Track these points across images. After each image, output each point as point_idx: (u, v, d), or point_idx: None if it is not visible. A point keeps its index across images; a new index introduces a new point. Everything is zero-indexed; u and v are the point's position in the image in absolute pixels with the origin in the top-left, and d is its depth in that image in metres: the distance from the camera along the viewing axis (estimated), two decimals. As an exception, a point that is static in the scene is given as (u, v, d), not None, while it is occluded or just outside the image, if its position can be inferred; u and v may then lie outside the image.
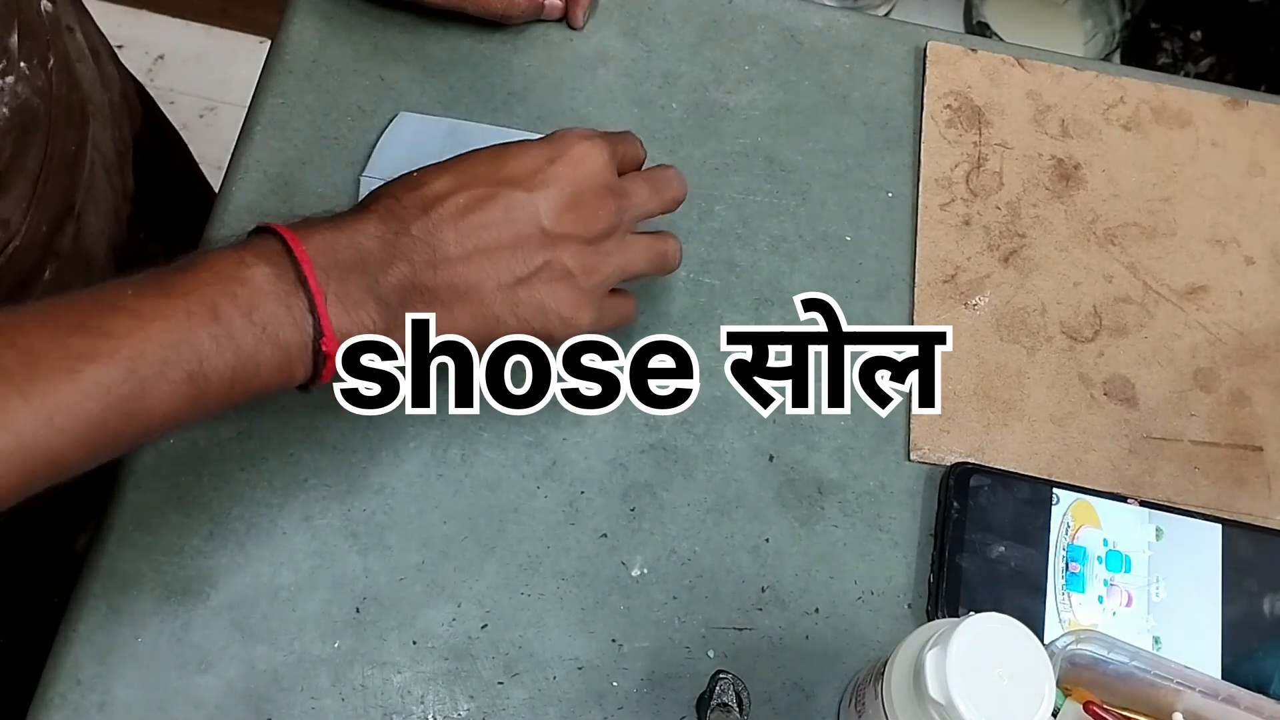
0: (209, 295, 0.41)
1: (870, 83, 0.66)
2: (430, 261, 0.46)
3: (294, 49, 0.63)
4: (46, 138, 0.52)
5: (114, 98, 0.65)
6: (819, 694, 0.52)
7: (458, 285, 0.47)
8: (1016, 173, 0.64)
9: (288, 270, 0.43)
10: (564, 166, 0.48)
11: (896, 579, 0.55)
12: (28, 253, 0.53)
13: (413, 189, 0.47)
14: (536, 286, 0.48)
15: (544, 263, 0.48)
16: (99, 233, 0.59)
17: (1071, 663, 0.48)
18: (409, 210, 0.46)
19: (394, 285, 0.45)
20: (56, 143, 0.53)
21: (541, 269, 0.48)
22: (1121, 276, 0.62)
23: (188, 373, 0.40)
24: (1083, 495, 0.55)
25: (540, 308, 0.48)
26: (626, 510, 0.55)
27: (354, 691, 0.50)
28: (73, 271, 0.57)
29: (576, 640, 0.52)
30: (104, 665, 0.49)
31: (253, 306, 0.42)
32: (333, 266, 0.44)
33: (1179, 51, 1.51)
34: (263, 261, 0.43)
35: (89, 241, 0.58)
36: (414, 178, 0.48)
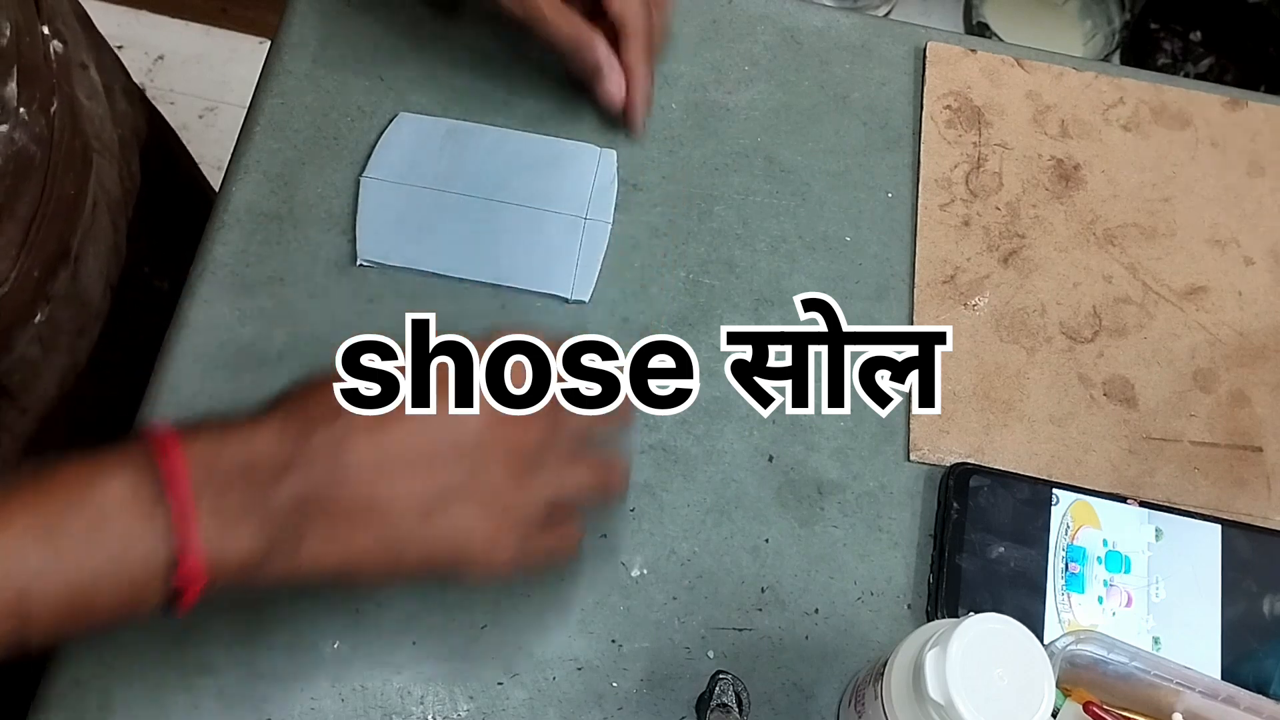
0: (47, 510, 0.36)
1: (870, 83, 0.66)
2: (332, 477, 0.41)
3: (294, 49, 0.63)
4: (43, 184, 0.50)
5: (125, 133, 0.64)
6: (819, 694, 0.52)
7: (359, 503, 0.41)
8: (1016, 173, 0.64)
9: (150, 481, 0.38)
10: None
11: (896, 579, 0.55)
12: (17, 297, 0.51)
13: (321, 394, 0.42)
14: (452, 513, 0.43)
15: (461, 484, 0.43)
16: (97, 274, 0.58)
17: (1071, 663, 0.48)
18: (314, 420, 0.41)
19: (286, 500, 0.40)
20: (54, 188, 0.51)
21: (458, 492, 0.43)
22: (1121, 277, 0.63)
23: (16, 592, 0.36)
24: (1082, 496, 0.55)
25: (452, 539, 0.43)
26: (626, 511, 0.55)
27: (354, 692, 0.50)
28: (67, 313, 0.56)
29: (576, 641, 0.52)
30: (104, 666, 0.49)
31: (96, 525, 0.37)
32: (212, 478, 0.38)
33: (1179, 52, 1.51)
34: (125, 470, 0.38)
35: (86, 282, 0.57)
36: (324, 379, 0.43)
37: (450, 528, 0.43)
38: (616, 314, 0.59)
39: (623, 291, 0.59)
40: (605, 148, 0.62)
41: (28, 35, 0.49)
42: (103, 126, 0.60)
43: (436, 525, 0.42)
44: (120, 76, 0.66)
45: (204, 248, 0.58)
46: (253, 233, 0.58)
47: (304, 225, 0.59)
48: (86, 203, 0.56)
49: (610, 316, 0.59)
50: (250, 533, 0.39)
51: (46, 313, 0.54)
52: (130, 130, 0.65)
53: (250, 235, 0.58)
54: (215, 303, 0.57)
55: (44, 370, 0.55)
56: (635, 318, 0.59)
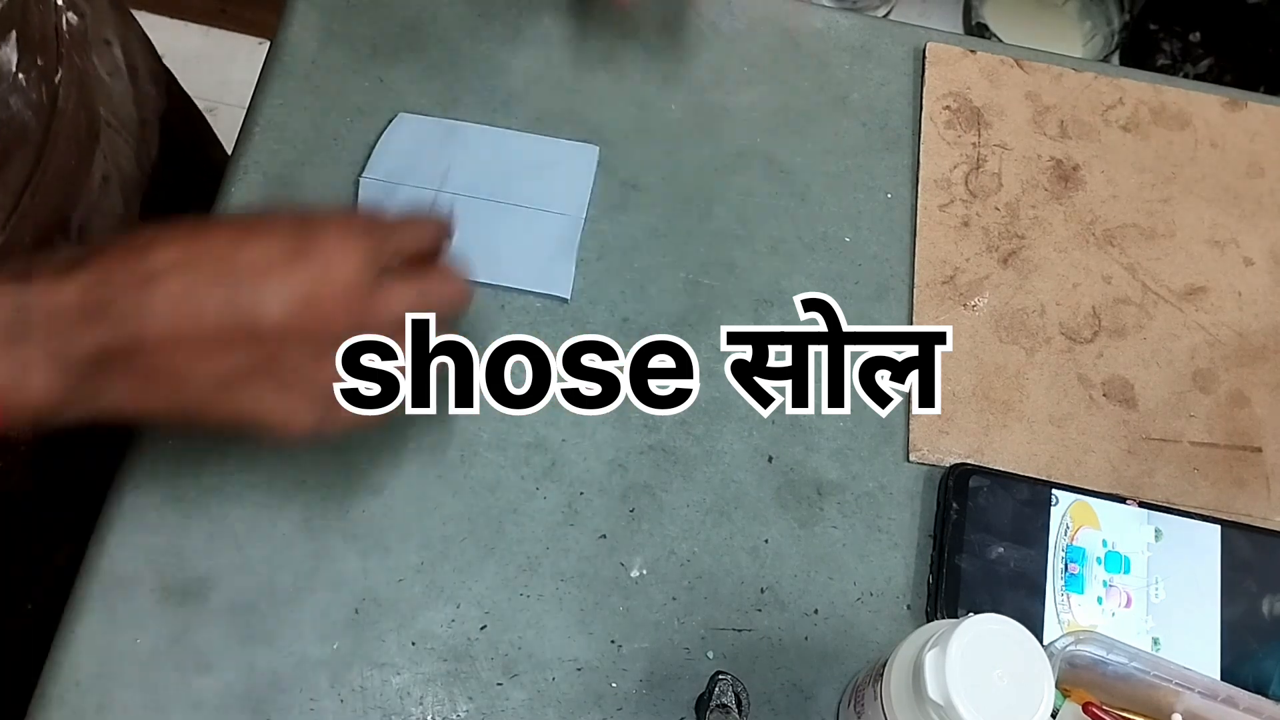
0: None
1: (869, 84, 0.66)
2: (132, 339, 0.41)
3: (293, 50, 0.63)
4: (39, 152, 0.50)
5: (146, 115, 0.63)
6: (818, 695, 0.52)
7: (157, 368, 0.42)
8: (1015, 174, 0.64)
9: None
10: (305, 263, 0.43)
11: (896, 580, 0.55)
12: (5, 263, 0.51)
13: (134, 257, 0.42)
14: (249, 388, 0.43)
15: (259, 363, 0.43)
16: None
17: (1071, 663, 0.48)
18: (121, 283, 0.41)
19: (86, 351, 0.40)
20: (53, 157, 0.51)
21: (256, 370, 0.43)
22: (1120, 277, 0.63)
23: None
24: (1082, 496, 0.55)
25: (250, 409, 0.44)
26: (626, 511, 0.55)
27: (353, 693, 0.50)
28: None
29: (576, 641, 0.52)
30: (103, 667, 0.49)
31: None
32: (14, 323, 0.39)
33: (1178, 52, 1.51)
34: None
35: None
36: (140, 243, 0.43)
37: (247, 400, 0.44)
38: (616, 314, 0.59)
39: (623, 291, 0.59)
40: (601, 146, 0.62)
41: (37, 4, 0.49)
42: (121, 104, 0.60)
43: (233, 398, 0.44)
44: (149, 59, 0.66)
45: (203, 248, 0.58)
46: (252, 233, 0.58)
47: (303, 226, 0.59)
48: (93, 178, 0.56)
49: (610, 316, 0.59)
50: (46, 380, 0.40)
51: None
52: (153, 112, 0.65)
53: (250, 236, 0.58)
54: (215, 303, 0.57)
55: None
56: (635, 318, 0.59)
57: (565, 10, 0.66)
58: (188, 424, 0.44)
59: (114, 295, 0.41)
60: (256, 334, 0.43)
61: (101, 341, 0.41)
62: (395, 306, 0.46)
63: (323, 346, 0.44)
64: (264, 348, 0.43)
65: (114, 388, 0.42)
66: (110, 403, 0.42)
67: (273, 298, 0.43)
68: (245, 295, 0.42)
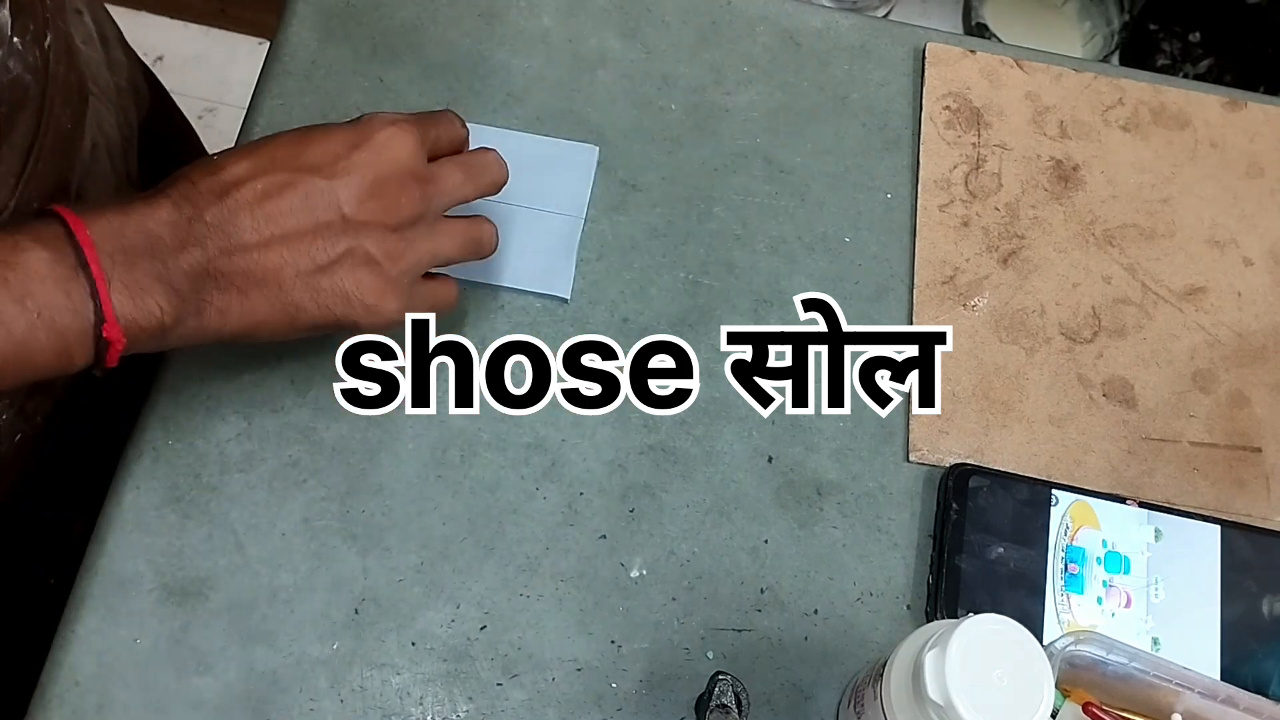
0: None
1: (869, 84, 0.66)
2: (225, 248, 0.45)
3: (293, 50, 0.63)
4: (39, 115, 0.51)
5: (120, 83, 0.65)
6: (818, 695, 0.52)
7: (254, 272, 0.46)
8: (1015, 174, 0.64)
9: (67, 254, 0.42)
10: (366, 153, 0.48)
11: (895, 580, 0.55)
12: None
13: (209, 173, 0.46)
14: (338, 274, 0.47)
15: (346, 250, 0.47)
16: None
17: (1070, 664, 0.48)
18: (204, 195, 0.45)
19: (186, 271, 0.44)
20: (51, 120, 0.52)
21: (344, 256, 0.47)
22: (1120, 278, 0.63)
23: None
24: (1082, 496, 0.55)
25: (343, 295, 0.48)
26: (625, 511, 0.55)
27: (353, 693, 0.50)
28: None
29: (575, 641, 0.52)
30: (103, 667, 0.49)
31: (26, 292, 0.41)
32: (118, 251, 0.43)
33: (1178, 53, 1.51)
34: (40, 245, 0.42)
35: None
36: (213, 161, 0.47)
37: (338, 285, 0.47)
38: (616, 314, 0.59)
39: (623, 291, 0.59)
40: (601, 146, 0.62)
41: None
42: (99, 71, 0.61)
43: (325, 285, 0.47)
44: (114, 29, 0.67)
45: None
46: (252, 233, 0.58)
47: (303, 226, 0.59)
48: (85, 141, 0.57)
49: (610, 316, 0.59)
50: (157, 301, 0.44)
51: None
52: (126, 80, 0.66)
53: (249, 236, 0.58)
54: (214, 303, 0.57)
55: None
56: (635, 318, 0.59)
57: (565, 10, 0.66)
58: (287, 327, 0.47)
59: (203, 217, 0.45)
60: (335, 223, 0.47)
61: (197, 261, 0.44)
62: (448, 185, 0.50)
63: (396, 227, 0.48)
64: (345, 234, 0.47)
65: (217, 301, 0.46)
66: (215, 317, 0.46)
67: (343, 187, 0.47)
68: (318, 188, 0.46)
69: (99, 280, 0.42)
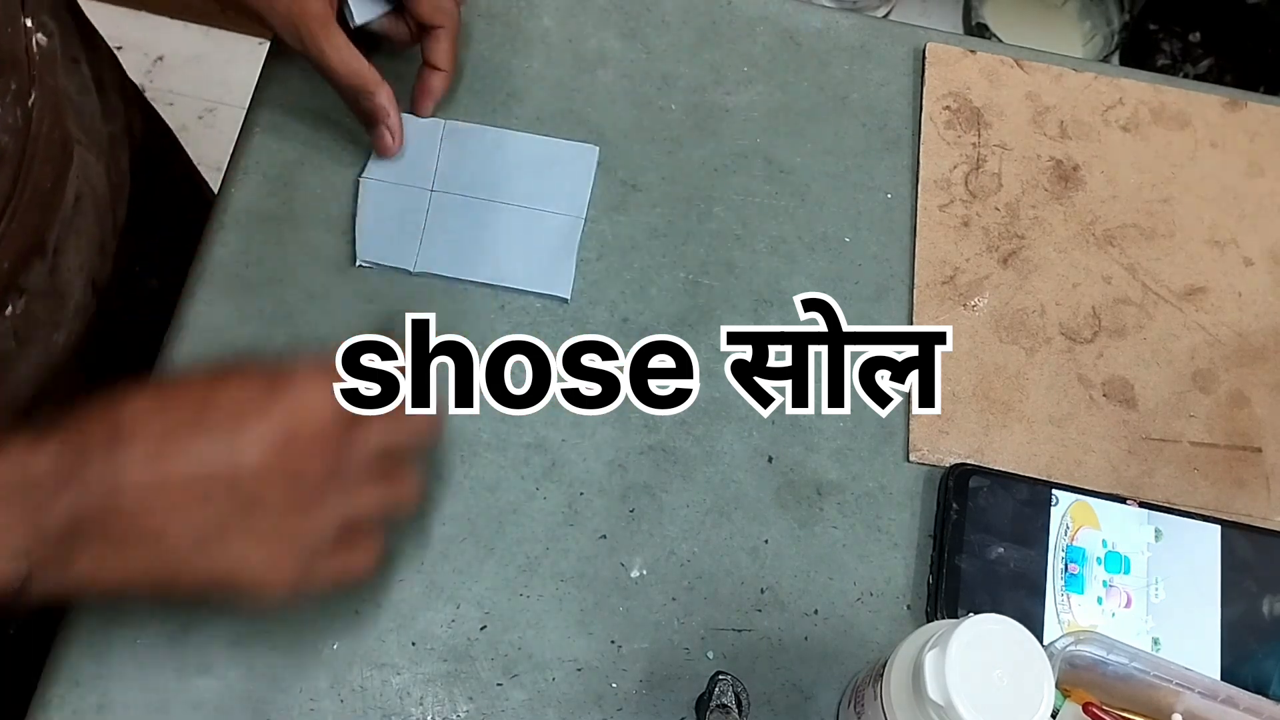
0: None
1: (869, 84, 0.66)
2: (108, 497, 0.40)
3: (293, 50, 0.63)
4: (15, 176, 0.50)
5: (115, 130, 0.63)
6: (818, 695, 0.52)
7: (134, 531, 0.41)
8: (1015, 174, 0.64)
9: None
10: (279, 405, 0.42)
11: (896, 580, 0.55)
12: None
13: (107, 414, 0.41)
14: (228, 540, 0.42)
15: (239, 514, 0.42)
16: (77, 269, 0.57)
17: (1071, 664, 0.48)
18: (95, 437, 0.40)
19: (58, 521, 0.39)
20: (29, 180, 0.51)
21: (235, 522, 0.42)
22: (1120, 278, 0.63)
23: None
24: (1082, 496, 0.55)
25: (227, 567, 0.42)
26: (626, 511, 0.55)
27: (353, 693, 0.50)
28: (44, 306, 0.55)
29: (576, 641, 0.52)
30: (103, 667, 0.49)
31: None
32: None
33: (1178, 53, 1.51)
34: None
35: (66, 276, 0.57)
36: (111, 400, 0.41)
37: (226, 557, 0.42)
38: (616, 314, 0.59)
39: (623, 291, 0.59)
40: (601, 146, 0.62)
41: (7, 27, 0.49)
42: (92, 122, 0.60)
43: (211, 555, 0.42)
44: (114, 72, 0.65)
45: (203, 249, 0.58)
46: (252, 234, 0.58)
47: (304, 226, 0.59)
48: (66, 197, 0.56)
49: (610, 316, 0.59)
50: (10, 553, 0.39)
51: (21, 306, 0.53)
52: (121, 127, 0.65)
53: (250, 236, 0.58)
54: (215, 304, 0.57)
55: (18, 364, 0.55)
56: (635, 318, 0.59)
57: (565, 10, 0.66)
58: (162, 590, 0.43)
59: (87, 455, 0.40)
60: (234, 481, 0.41)
61: (75, 506, 0.39)
62: (371, 443, 0.45)
63: (302, 494, 0.43)
64: (242, 496, 0.42)
65: (88, 555, 0.40)
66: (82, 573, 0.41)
67: (249, 442, 0.42)
68: (221, 440, 0.41)
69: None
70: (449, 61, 0.59)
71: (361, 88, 0.55)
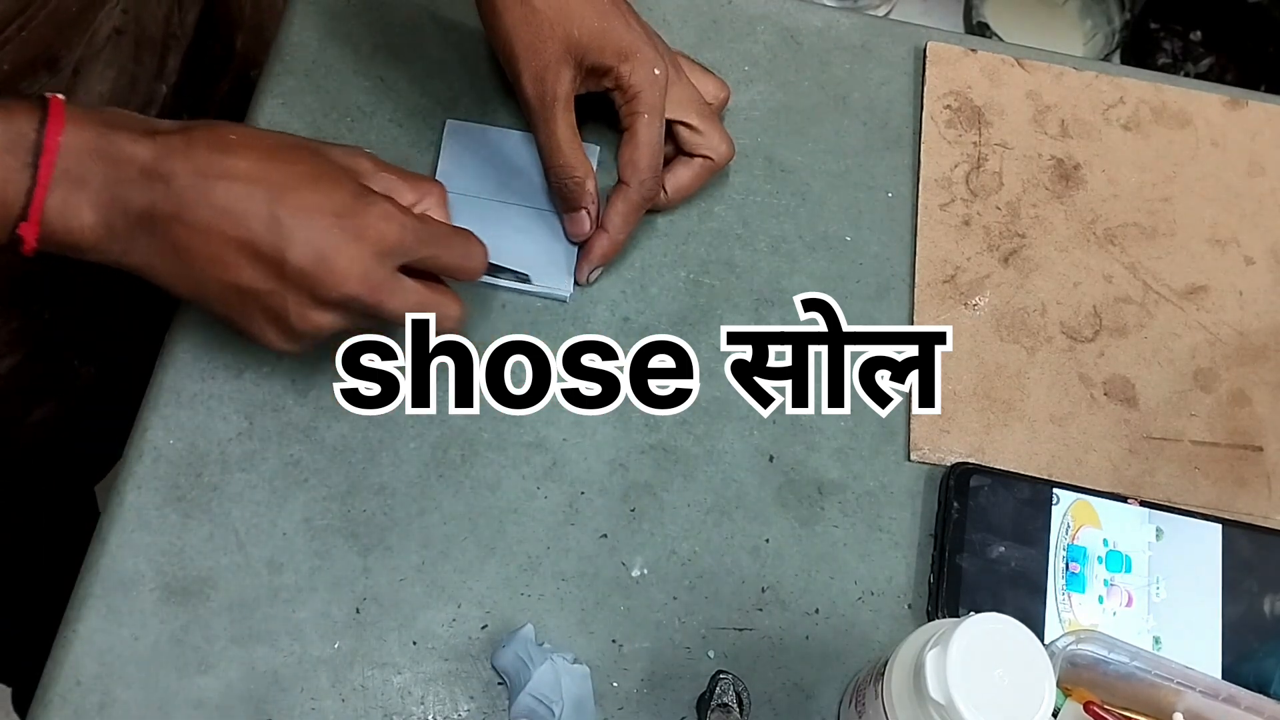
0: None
1: (870, 83, 0.66)
2: (179, 212, 0.45)
3: (294, 49, 0.63)
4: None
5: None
6: (819, 694, 0.52)
7: (189, 248, 0.45)
8: (1016, 173, 0.64)
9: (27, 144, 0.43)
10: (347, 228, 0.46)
11: (896, 579, 0.55)
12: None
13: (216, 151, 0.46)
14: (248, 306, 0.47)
15: (266, 289, 0.46)
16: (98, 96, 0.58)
17: (1072, 663, 0.48)
18: (196, 164, 0.45)
19: (137, 206, 0.45)
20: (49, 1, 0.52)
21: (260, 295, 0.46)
22: (1121, 276, 0.63)
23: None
24: (1083, 495, 0.55)
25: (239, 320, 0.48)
26: (626, 511, 0.55)
27: (354, 692, 0.50)
28: None
29: (577, 641, 0.52)
30: (104, 666, 0.49)
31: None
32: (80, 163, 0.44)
33: (1179, 51, 1.51)
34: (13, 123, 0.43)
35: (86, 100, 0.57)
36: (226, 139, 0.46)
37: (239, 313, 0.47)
38: (616, 314, 0.59)
39: (623, 291, 0.59)
40: (602, 146, 0.62)
41: None
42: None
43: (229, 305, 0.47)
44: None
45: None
46: (253, 233, 0.58)
47: (304, 225, 0.59)
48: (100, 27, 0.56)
49: (610, 316, 0.59)
50: (91, 221, 0.45)
51: None
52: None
53: (250, 235, 0.58)
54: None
55: None
56: (635, 318, 0.59)
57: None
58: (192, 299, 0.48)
59: (181, 172, 0.45)
60: (275, 262, 0.46)
61: (152, 202, 0.45)
62: (395, 307, 0.48)
63: (321, 298, 0.47)
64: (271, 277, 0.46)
65: (145, 246, 0.46)
66: (137, 258, 0.46)
67: (304, 240, 0.45)
68: (284, 227, 0.45)
69: (40, 188, 0.43)
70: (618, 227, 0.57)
71: (572, 174, 0.56)
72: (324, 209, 0.46)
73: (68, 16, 0.54)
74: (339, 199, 0.47)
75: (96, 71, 0.57)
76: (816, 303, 0.60)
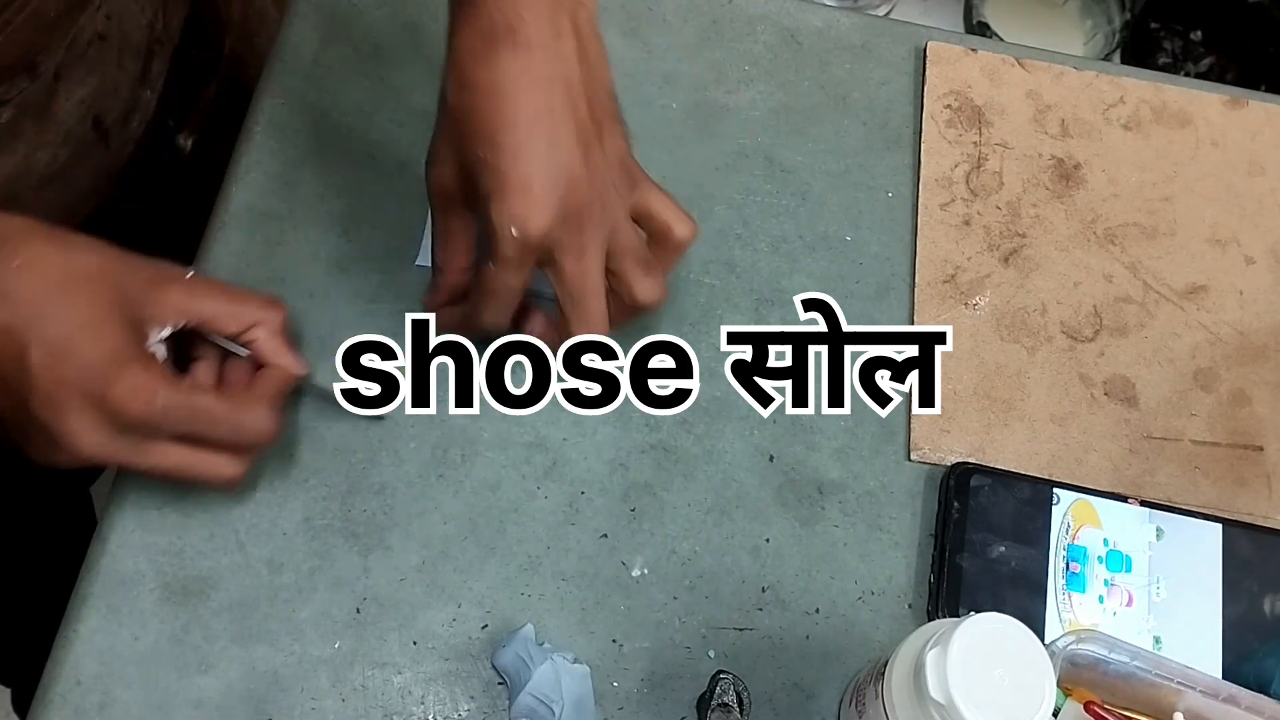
0: None
1: (870, 83, 0.66)
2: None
3: (294, 49, 0.63)
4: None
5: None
6: (819, 694, 0.52)
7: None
8: (1016, 172, 0.64)
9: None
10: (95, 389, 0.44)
11: (897, 579, 0.55)
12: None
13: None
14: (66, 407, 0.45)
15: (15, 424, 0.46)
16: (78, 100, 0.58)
17: (1072, 663, 0.48)
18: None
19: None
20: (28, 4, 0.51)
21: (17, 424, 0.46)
22: (1122, 276, 0.62)
23: None
24: (1083, 495, 0.55)
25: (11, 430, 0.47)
26: (627, 510, 0.55)
27: (354, 692, 0.50)
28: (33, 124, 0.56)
29: (577, 641, 0.52)
30: (104, 666, 0.49)
31: None
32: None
33: (1179, 51, 1.51)
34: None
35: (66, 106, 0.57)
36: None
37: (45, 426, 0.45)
38: (617, 314, 0.59)
39: (623, 291, 0.59)
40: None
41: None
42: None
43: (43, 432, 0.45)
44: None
45: (204, 248, 0.58)
46: (253, 233, 0.58)
47: (304, 225, 0.59)
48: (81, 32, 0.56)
49: (610, 316, 0.58)
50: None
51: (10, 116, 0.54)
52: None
53: (250, 235, 0.58)
54: (215, 303, 0.57)
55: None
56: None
57: (566, 9, 0.66)
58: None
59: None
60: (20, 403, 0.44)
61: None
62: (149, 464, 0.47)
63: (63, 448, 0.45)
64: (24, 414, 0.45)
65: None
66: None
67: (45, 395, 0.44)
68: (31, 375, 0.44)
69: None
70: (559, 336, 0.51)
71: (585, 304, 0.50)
72: (76, 364, 0.44)
73: (47, 20, 0.53)
74: (94, 357, 0.44)
75: (78, 77, 0.57)
76: (816, 303, 0.60)
